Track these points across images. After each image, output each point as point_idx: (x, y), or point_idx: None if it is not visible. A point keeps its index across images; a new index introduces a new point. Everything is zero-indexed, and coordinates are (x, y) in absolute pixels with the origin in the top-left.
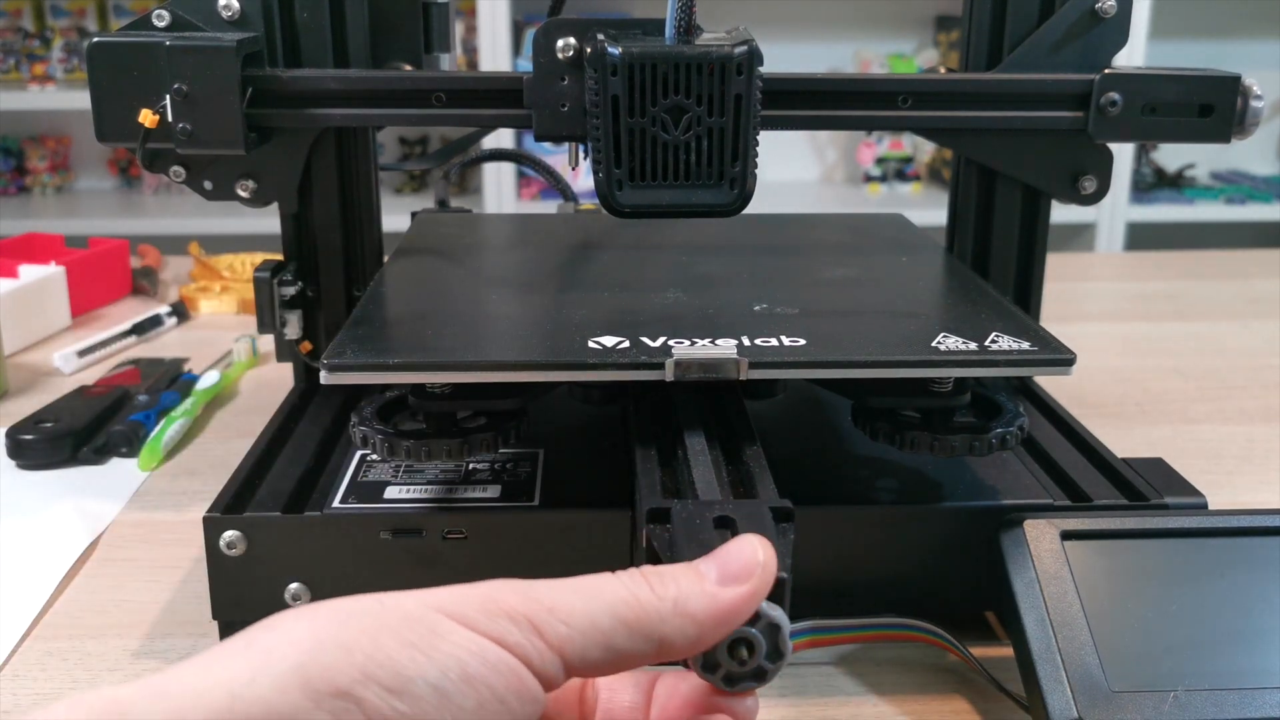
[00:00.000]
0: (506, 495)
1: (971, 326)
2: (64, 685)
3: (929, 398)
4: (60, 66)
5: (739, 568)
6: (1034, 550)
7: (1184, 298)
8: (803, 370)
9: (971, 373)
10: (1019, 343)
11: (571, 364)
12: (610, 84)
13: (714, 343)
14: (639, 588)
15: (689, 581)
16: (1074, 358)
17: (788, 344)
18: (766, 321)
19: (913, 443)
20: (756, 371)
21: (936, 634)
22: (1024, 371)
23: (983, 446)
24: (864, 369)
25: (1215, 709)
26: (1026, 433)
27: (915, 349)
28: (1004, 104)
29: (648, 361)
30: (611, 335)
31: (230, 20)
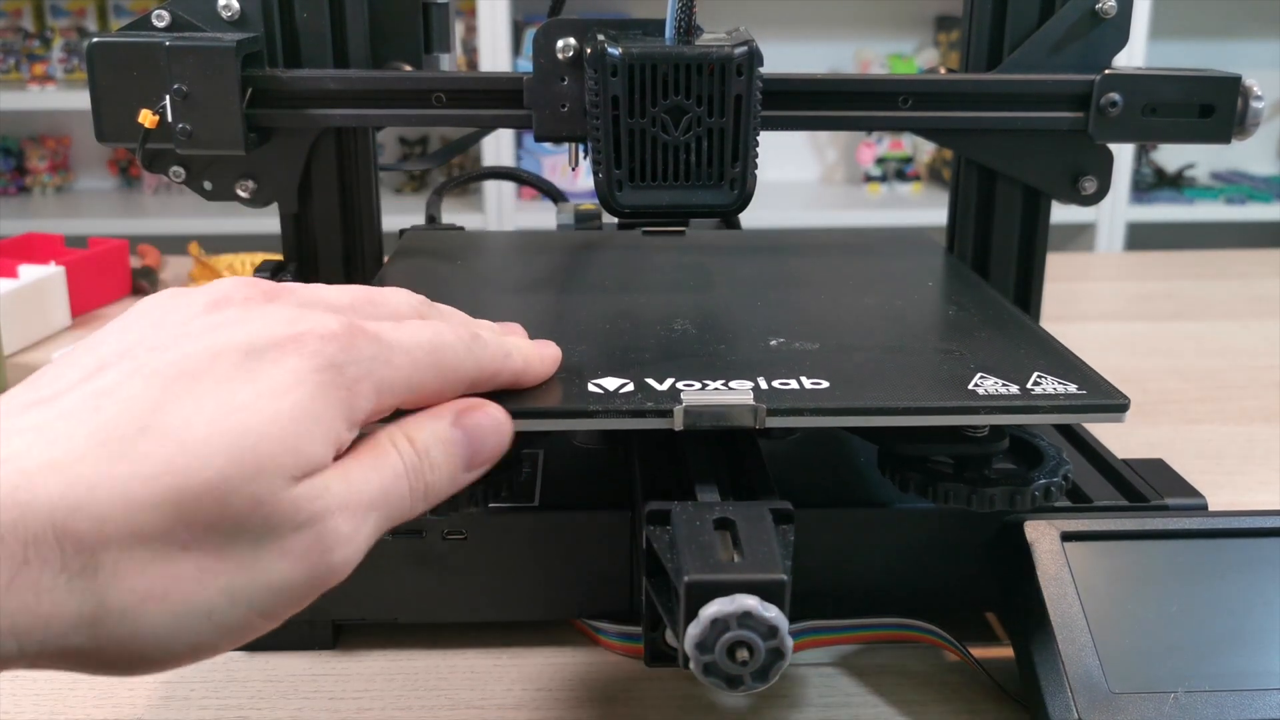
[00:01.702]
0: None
1: (1011, 365)
2: (64, 685)
3: (963, 443)
4: (60, 66)
5: (486, 458)
6: (1034, 551)
7: (1184, 298)
8: (827, 418)
9: (1013, 419)
10: (1064, 385)
11: (570, 411)
12: (610, 84)
13: (727, 385)
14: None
15: (444, 478)
16: (1128, 403)
17: (809, 386)
18: (784, 359)
19: (948, 495)
20: (775, 420)
21: (936, 634)
22: (1072, 418)
23: (1025, 500)
24: (895, 416)
25: (1216, 710)
26: (1071, 482)
27: (950, 392)
28: (1004, 104)
29: (654, 409)
30: (613, 376)
31: (230, 20)
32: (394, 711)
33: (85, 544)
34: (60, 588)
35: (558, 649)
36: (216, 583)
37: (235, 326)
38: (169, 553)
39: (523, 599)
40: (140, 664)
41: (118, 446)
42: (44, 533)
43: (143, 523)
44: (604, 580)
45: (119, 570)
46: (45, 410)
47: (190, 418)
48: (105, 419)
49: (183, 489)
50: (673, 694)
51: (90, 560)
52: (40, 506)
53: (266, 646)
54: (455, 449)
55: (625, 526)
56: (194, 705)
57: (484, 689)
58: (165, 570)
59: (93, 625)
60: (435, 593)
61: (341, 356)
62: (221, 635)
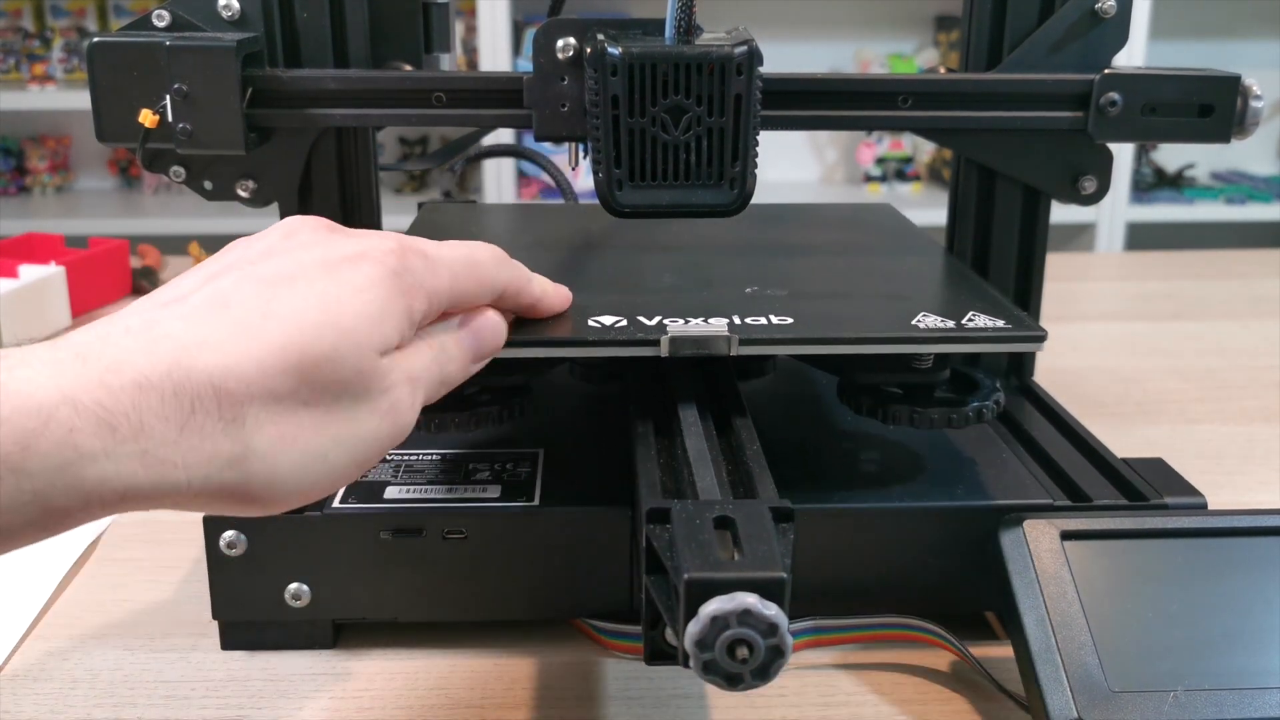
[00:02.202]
0: (506, 495)
1: (951, 307)
2: (64, 685)
3: (911, 374)
4: (60, 66)
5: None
6: (1034, 550)
7: (1184, 298)
8: (790, 347)
9: (948, 348)
10: (994, 320)
11: (572, 341)
12: (610, 84)
13: (706, 322)
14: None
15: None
16: (1044, 334)
17: (776, 323)
18: (757, 303)
19: (893, 416)
20: (746, 348)
21: (936, 634)
22: (997, 347)
23: (960, 419)
24: (847, 344)
25: (1215, 709)
26: (1003, 406)
27: (895, 326)
28: (1004, 104)
29: (644, 339)
30: (610, 315)
31: (230, 20)
32: (394, 711)
33: (236, 399)
34: (218, 433)
35: (558, 649)
36: (329, 431)
37: (312, 247)
38: (295, 408)
39: (523, 598)
40: (274, 499)
41: (250, 329)
42: (204, 391)
43: (277, 384)
44: (604, 578)
45: (260, 421)
46: (181, 306)
47: (299, 307)
48: (234, 311)
49: (303, 357)
50: (673, 693)
51: (239, 413)
52: (200, 371)
53: (266, 646)
54: (464, 343)
55: (625, 525)
56: (194, 705)
57: (484, 689)
58: (293, 421)
59: (242, 463)
60: (435, 593)
61: (399, 266)
62: (331, 476)
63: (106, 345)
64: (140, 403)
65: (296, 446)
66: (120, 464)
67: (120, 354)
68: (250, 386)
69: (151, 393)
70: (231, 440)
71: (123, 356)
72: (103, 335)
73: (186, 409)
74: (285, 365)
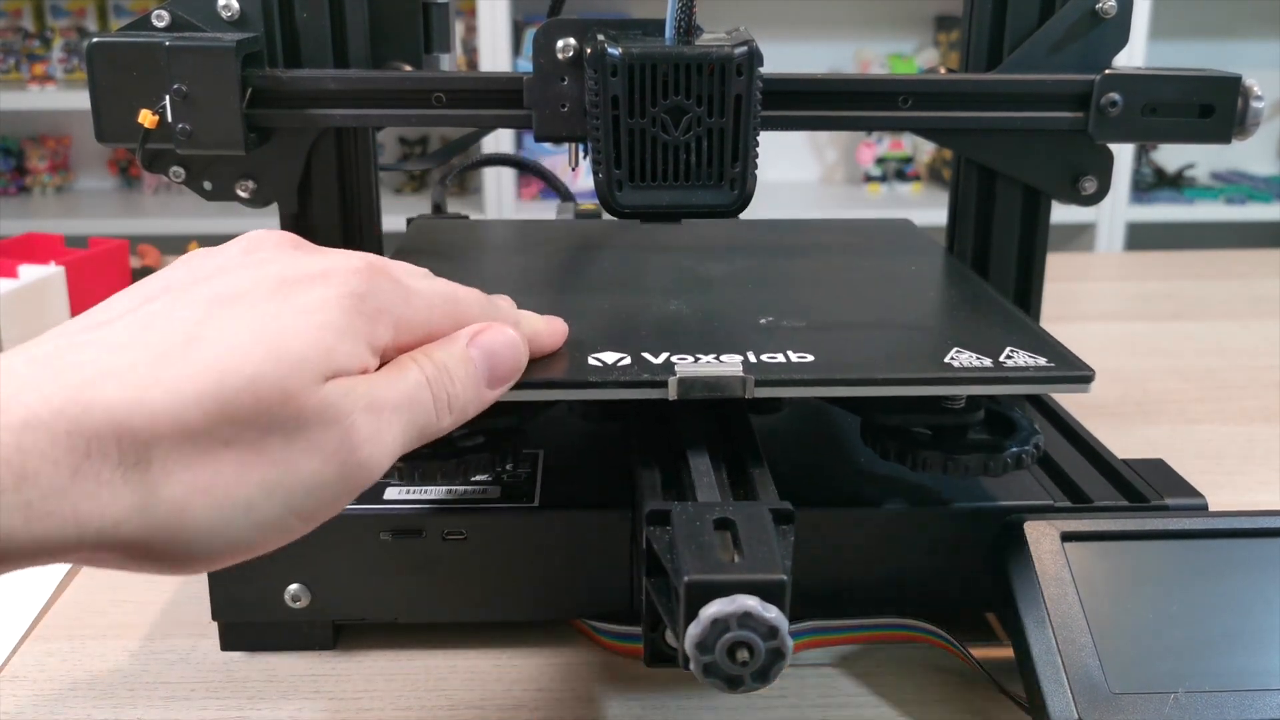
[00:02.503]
0: (506, 496)
1: (985, 341)
2: (64, 685)
3: (941, 414)
4: (60, 66)
5: (507, 372)
6: (1034, 551)
7: (1184, 298)
8: (812, 389)
9: (986, 390)
10: (1035, 358)
11: (570, 382)
12: (610, 84)
13: (718, 359)
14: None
15: (468, 391)
16: (1092, 374)
17: (795, 360)
18: (772, 335)
19: (925, 463)
20: (764, 390)
21: (936, 634)
22: (1040, 389)
23: (997, 466)
24: (875, 387)
25: (1216, 711)
26: (1043, 451)
27: (927, 365)
28: (1004, 104)
29: (650, 380)
30: (612, 350)
31: (230, 20)
32: (394, 711)
33: (139, 439)
34: (117, 480)
35: (558, 649)
36: (254, 477)
37: (269, 264)
38: (212, 449)
39: (523, 599)
40: (186, 559)
41: (167, 355)
42: (103, 430)
43: (189, 418)
44: (604, 580)
45: (169, 465)
46: (100, 331)
47: (231, 329)
48: (155, 335)
49: (222, 384)
50: (673, 694)
51: (143, 454)
52: (99, 407)
53: (266, 646)
54: (473, 365)
55: (625, 526)
56: (194, 705)
57: (484, 689)
58: (209, 465)
59: (144, 515)
60: (435, 593)
61: (364, 288)
62: (260, 532)
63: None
64: (26, 444)
65: (213, 497)
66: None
67: (13, 389)
68: (157, 423)
69: (40, 432)
70: (133, 488)
71: (14, 392)
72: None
73: (80, 452)
74: (200, 395)
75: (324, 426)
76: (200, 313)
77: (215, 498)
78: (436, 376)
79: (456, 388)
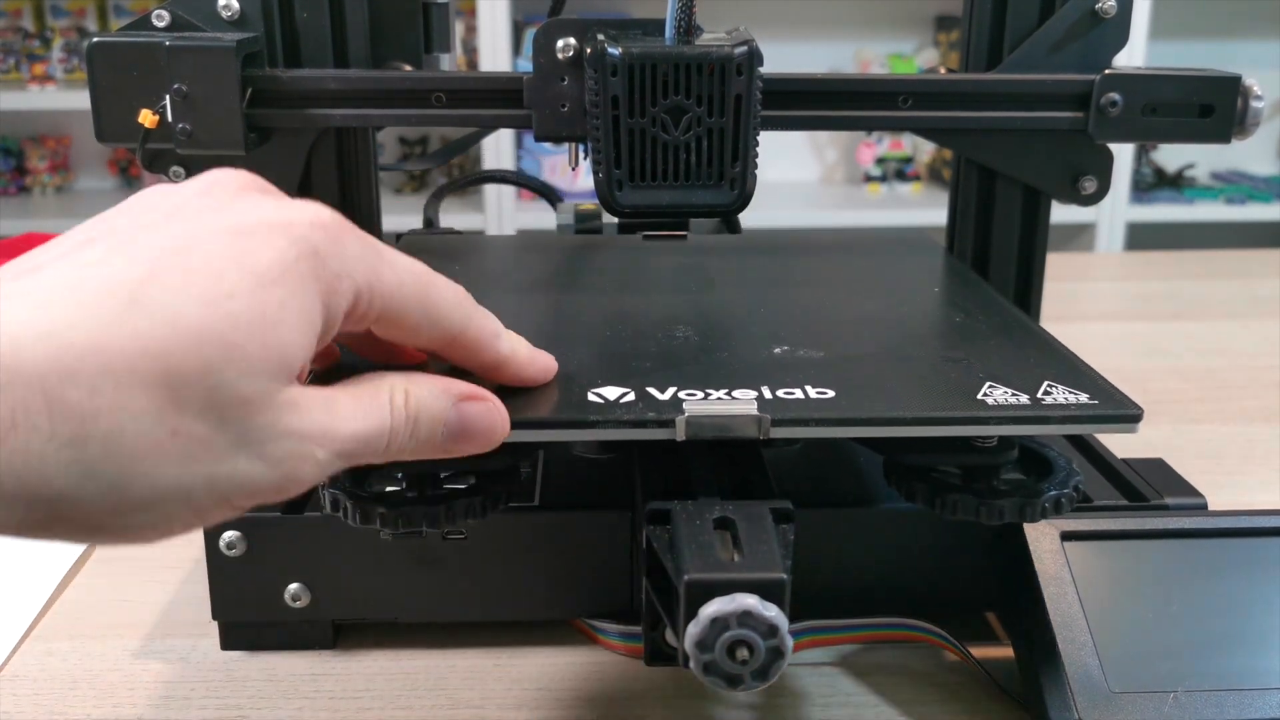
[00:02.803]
0: None
1: (1020, 373)
2: (64, 685)
3: (971, 454)
4: (60, 66)
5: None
6: (1034, 550)
7: (1184, 298)
8: (833, 429)
9: (1024, 430)
10: (1075, 394)
11: (569, 422)
12: (610, 84)
13: (730, 395)
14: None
15: (419, 449)
16: (1140, 414)
17: (814, 396)
18: (788, 367)
19: (956, 507)
20: (780, 430)
21: (936, 634)
22: (1083, 428)
23: (1034, 512)
24: (904, 427)
25: (1215, 710)
26: (1083, 493)
27: (958, 402)
28: (1004, 104)
29: (655, 419)
30: (614, 385)
31: (230, 20)
32: (394, 711)
33: (75, 413)
34: (50, 454)
35: (558, 649)
36: (197, 469)
37: (225, 210)
38: (155, 433)
39: (523, 599)
40: (121, 532)
41: (108, 318)
42: (33, 398)
43: (133, 399)
44: (604, 580)
45: (107, 442)
46: (31, 280)
47: (178, 297)
48: (93, 290)
49: (173, 373)
50: (673, 694)
51: (80, 430)
52: (29, 372)
53: (266, 646)
54: (444, 429)
55: (625, 526)
56: (194, 705)
57: (484, 689)
58: (151, 448)
59: (79, 489)
60: (435, 593)
61: (327, 247)
62: (194, 516)
63: None
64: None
65: (153, 478)
66: None
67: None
68: (97, 397)
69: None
70: (67, 464)
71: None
72: None
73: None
74: (146, 379)
75: (275, 440)
76: (143, 268)
77: (154, 480)
78: (404, 426)
79: (415, 443)
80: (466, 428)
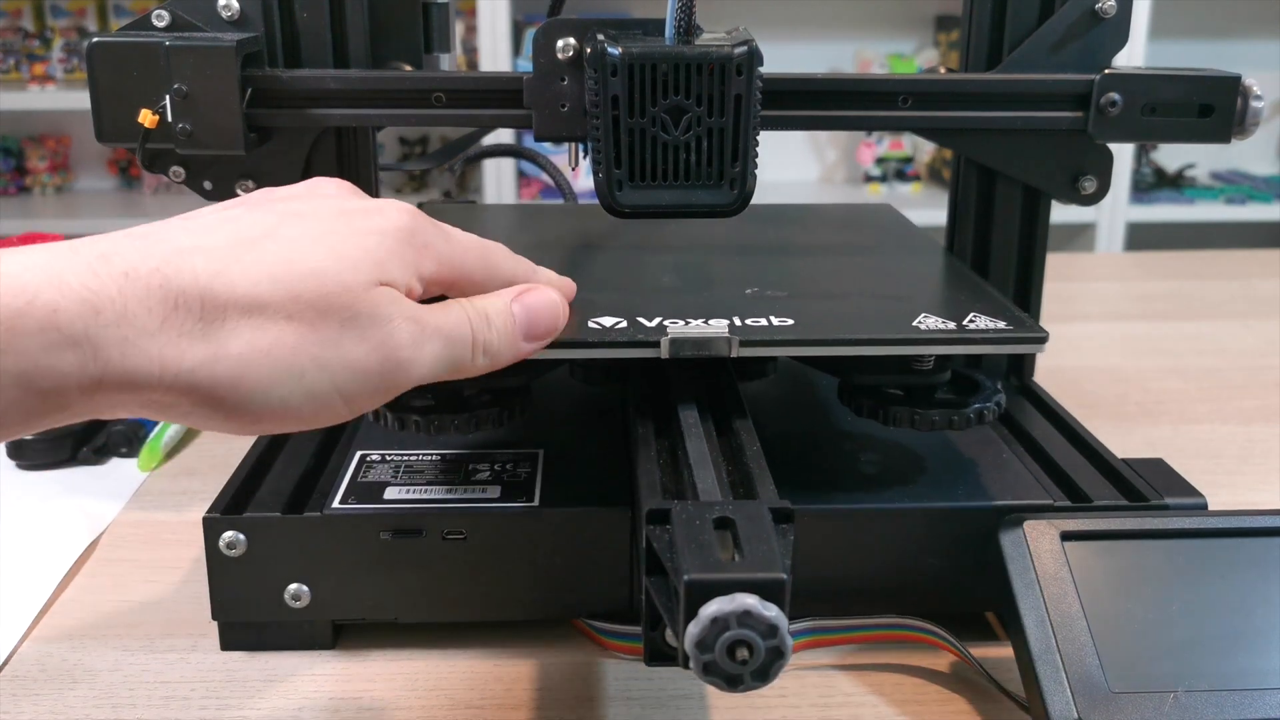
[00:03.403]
0: (506, 495)
1: (951, 307)
2: (64, 685)
3: (912, 375)
4: (60, 66)
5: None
6: (1034, 550)
7: (1184, 298)
8: (791, 348)
9: (949, 350)
10: (995, 322)
11: (571, 342)
12: (610, 84)
13: (707, 323)
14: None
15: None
16: (1045, 335)
17: (777, 324)
18: (757, 304)
19: (894, 418)
20: (747, 350)
21: (936, 634)
22: (998, 349)
23: (961, 421)
24: (847, 346)
25: (1216, 710)
26: (1003, 408)
27: (897, 328)
28: (1004, 104)
29: (644, 340)
30: (610, 316)
31: (230, 20)
32: (394, 712)
33: (218, 303)
34: (196, 333)
35: (558, 649)
36: (308, 350)
37: (331, 199)
38: (276, 320)
39: (523, 599)
40: (245, 411)
41: (247, 243)
42: (189, 291)
43: (261, 293)
44: (604, 580)
45: (239, 328)
46: (188, 222)
47: (299, 233)
48: (235, 228)
49: (290, 269)
50: (673, 693)
51: (219, 315)
52: (187, 272)
53: (266, 647)
54: (513, 319)
55: (625, 525)
56: (194, 705)
57: (484, 689)
58: (271, 333)
59: (213, 366)
60: (435, 592)
61: (412, 225)
62: (309, 401)
63: (100, 241)
64: (126, 290)
65: (271, 359)
66: (99, 349)
67: (113, 248)
68: (234, 292)
69: (138, 282)
70: (208, 342)
71: (114, 250)
72: (101, 237)
73: (169, 304)
74: (273, 276)
75: (373, 322)
76: (274, 219)
77: (273, 360)
78: (478, 320)
79: (493, 335)
80: (531, 312)
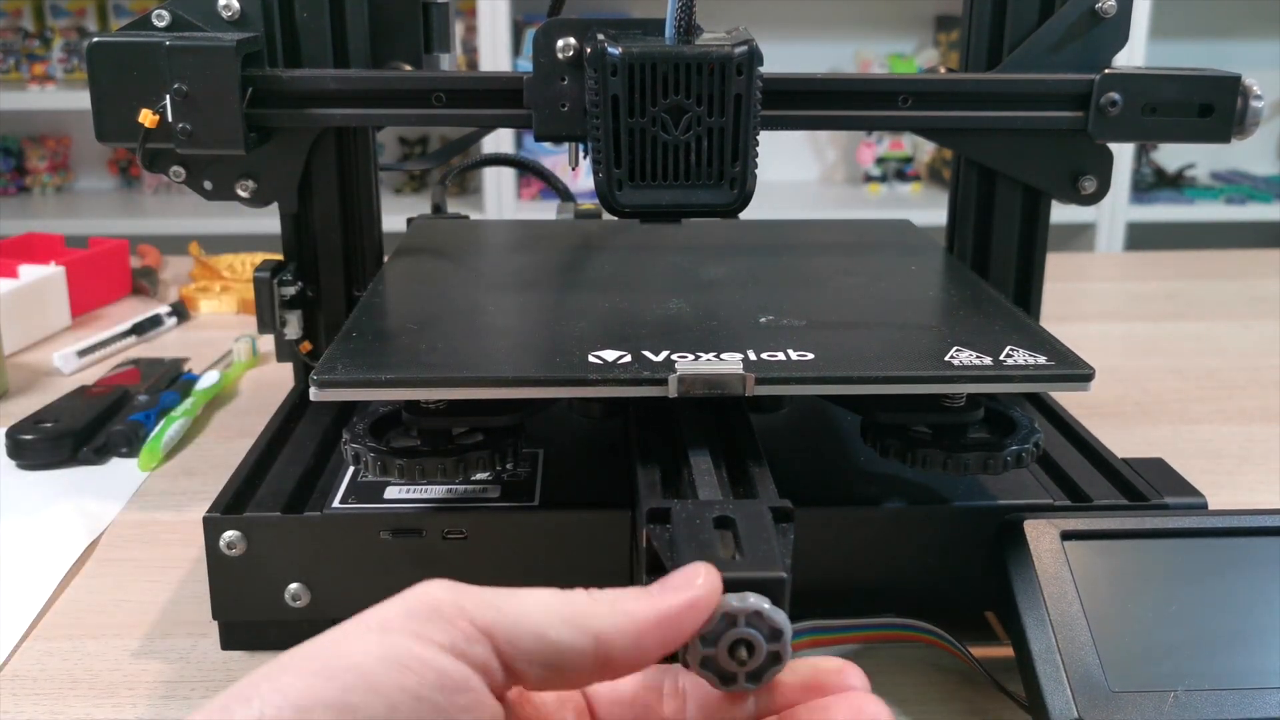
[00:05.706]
0: (506, 495)
1: (985, 339)
2: (64, 685)
3: (941, 413)
4: (60, 66)
5: (680, 580)
6: (1034, 550)
7: (1184, 298)
8: (811, 386)
9: (986, 388)
10: (1035, 357)
11: (571, 380)
12: (610, 84)
13: (719, 357)
14: (575, 592)
15: (628, 590)
16: (1092, 373)
17: (795, 358)
18: (772, 334)
19: (925, 461)
20: (763, 388)
21: (936, 634)
22: (1040, 387)
23: (997, 465)
24: (875, 384)
25: (1215, 709)
26: (1042, 449)
27: (927, 363)
28: (1004, 104)
29: (650, 377)
30: (612, 349)
31: (230, 20)
32: None
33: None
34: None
35: None
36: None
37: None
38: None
39: None
40: None
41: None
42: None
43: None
44: (604, 580)
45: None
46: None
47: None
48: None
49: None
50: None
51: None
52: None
53: (266, 646)
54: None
55: (625, 525)
56: (194, 705)
57: None
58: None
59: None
60: None
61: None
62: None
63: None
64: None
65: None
66: None
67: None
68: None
69: None
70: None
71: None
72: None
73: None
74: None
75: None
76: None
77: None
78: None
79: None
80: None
